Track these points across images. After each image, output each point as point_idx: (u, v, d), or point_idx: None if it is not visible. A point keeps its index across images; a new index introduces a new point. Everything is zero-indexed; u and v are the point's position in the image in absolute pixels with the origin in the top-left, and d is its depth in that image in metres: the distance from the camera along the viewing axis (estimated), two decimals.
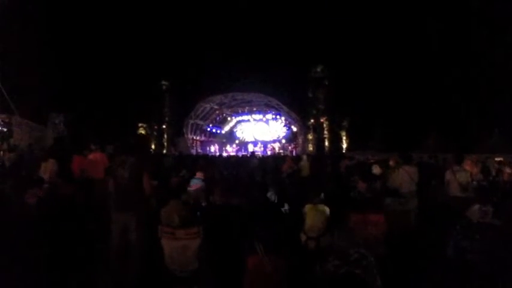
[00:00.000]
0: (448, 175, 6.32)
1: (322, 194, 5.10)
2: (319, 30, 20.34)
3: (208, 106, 24.99)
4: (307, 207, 4.82)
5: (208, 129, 26.72)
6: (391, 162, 8.22)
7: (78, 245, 4.11)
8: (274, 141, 26.08)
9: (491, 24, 17.35)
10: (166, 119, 23.22)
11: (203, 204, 5.41)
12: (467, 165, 7.18)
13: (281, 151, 24.51)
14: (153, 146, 22.81)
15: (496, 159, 11.67)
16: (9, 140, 12.71)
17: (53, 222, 4.29)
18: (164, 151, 22.59)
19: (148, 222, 4.26)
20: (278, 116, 25.68)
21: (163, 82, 22.77)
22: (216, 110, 25.99)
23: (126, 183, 4.20)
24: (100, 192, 5.58)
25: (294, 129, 25.17)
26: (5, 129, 12.69)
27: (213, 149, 26.24)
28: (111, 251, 4.12)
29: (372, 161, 11.87)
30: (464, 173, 6.26)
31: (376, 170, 8.40)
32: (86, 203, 5.30)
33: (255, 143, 26.43)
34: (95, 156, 7.82)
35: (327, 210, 4.74)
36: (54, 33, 18.50)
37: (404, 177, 6.55)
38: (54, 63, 18.57)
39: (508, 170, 9.67)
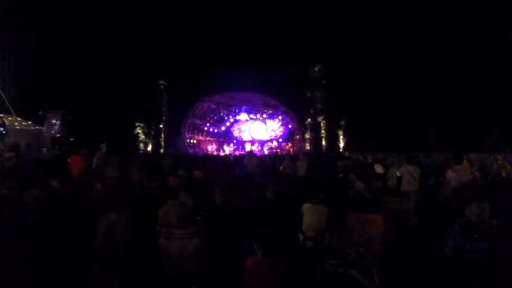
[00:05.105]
0: (450, 174, 6.41)
1: (321, 194, 5.07)
2: (316, 30, 20.31)
3: (206, 105, 24.95)
4: (305, 207, 4.80)
5: (206, 128, 26.69)
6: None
7: (74, 245, 4.10)
8: (271, 141, 26.07)
9: (491, 23, 17.41)
10: (164, 118, 23.17)
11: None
12: (465, 165, 7.28)
13: (278, 150, 24.50)
14: (150, 146, 22.77)
15: (496, 157, 11.73)
16: (5, 140, 12.61)
17: (50, 223, 4.28)
18: (162, 150, 22.56)
19: (140, 223, 4.23)
20: (275, 115, 25.69)
21: (161, 81, 22.72)
22: (213, 109, 25.97)
23: (115, 183, 4.14)
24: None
25: (292, 128, 25.18)
26: (1, 129, 12.59)
27: (211, 148, 26.21)
28: (103, 250, 4.06)
29: (370, 160, 11.89)
30: (464, 172, 6.37)
31: (378, 169, 8.45)
32: (83, 204, 5.28)
33: (252, 142, 26.42)
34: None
35: (325, 209, 4.72)
36: (51, 32, 18.42)
37: (407, 176, 6.64)
38: (51, 62, 18.51)
39: (507, 166, 9.76)
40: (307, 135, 22.26)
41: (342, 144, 21.56)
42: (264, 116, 26.04)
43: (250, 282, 3.22)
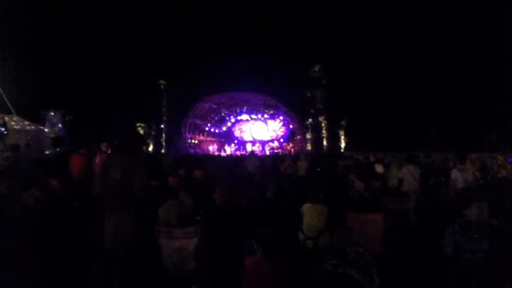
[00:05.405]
0: (454, 173, 6.42)
1: (321, 194, 5.06)
2: (316, 30, 20.32)
3: (206, 105, 24.92)
4: (305, 207, 4.79)
5: (207, 128, 26.67)
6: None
7: (74, 245, 4.09)
8: (272, 141, 26.05)
9: (491, 23, 17.41)
10: (165, 118, 23.15)
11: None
12: (467, 164, 7.29)
13: (279, 150, 24.48)
14: (151, 146, 22.75)
15: (496, 157, 11.71)
16: (5, 140, 12.62)
17: (50, 223, 4.28)
18: (163, 150, 22.55)
19: (140, 223, 4.23)
20: (276, 115, 25.67)
21: (162, 81, 22.69)
22: (214, 109, 25.95)
23: (117, 185, 4.12)
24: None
25: (293, 128, 25.16)
26: (2, 129, 12.60)
27: (212, 148, 26.19)
28: (104, 252, 4.06)
29: (372, 160, 11.88)
30: (467, 172, 6.39)
31: (379, 169, 8.45)
32: (82, 204, 5.27)
33: (253, 143, 26.40)
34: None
35: (325, 209, 4.71)
36: (51, 32, 18.44)
37: (408, 176, 6.65)
38: (51, 62, 18.52)
39: (507, 166, 9.75)
40: (308, 136, 22.24)
41: (343, 144, 21.55)
42: (265, 116, 26.03)
43: (250, 282, 3.22)
